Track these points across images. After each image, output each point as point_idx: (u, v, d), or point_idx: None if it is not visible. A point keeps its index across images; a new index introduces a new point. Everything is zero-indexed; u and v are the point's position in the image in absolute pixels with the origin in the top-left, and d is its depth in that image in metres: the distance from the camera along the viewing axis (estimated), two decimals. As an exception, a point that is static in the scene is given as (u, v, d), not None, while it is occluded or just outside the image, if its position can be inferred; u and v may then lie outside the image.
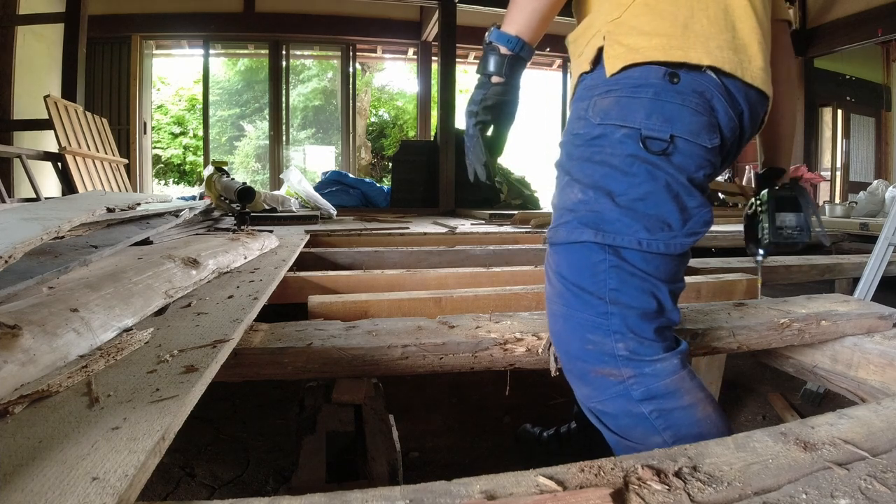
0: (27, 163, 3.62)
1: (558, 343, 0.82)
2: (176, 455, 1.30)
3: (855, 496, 0.47)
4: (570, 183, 0.78)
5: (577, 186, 0.77)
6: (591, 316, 0.75)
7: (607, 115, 0.75)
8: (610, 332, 0.74)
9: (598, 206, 0.74)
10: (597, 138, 0.76)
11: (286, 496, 0.45)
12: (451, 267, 1.86)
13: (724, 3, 0.75)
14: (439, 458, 1.39)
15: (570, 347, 0.78)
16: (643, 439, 0.73)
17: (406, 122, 11.60)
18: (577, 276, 0.76)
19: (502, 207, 4.82)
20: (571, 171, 0.79)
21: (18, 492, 0.40)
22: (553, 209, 0.82)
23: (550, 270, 0.81)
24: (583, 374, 0.77)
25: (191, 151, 11.72)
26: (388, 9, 6.11)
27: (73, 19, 4.10)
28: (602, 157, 0.75)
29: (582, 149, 0.78)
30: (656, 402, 0.73)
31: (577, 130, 0.79)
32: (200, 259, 1.21)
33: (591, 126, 0.77)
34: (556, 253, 0.80)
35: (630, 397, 0.74)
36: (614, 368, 0.74)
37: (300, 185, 3.90)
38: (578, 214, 0.76)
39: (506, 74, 0.81)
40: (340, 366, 0.90)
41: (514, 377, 1.00)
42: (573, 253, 0.76)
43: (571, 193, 0.77)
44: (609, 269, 0.74)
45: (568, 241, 0.76)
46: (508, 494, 0.46)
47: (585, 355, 0.76)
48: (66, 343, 0.66)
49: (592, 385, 0.76)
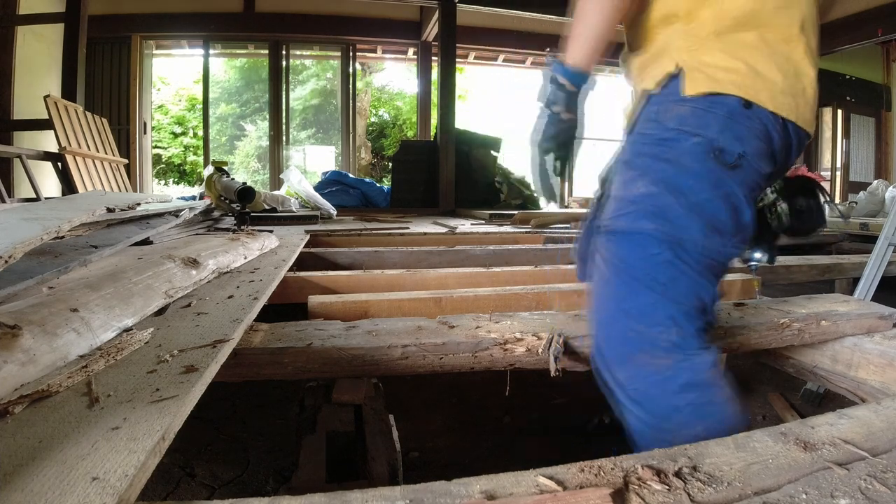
0: (27, 163, 3.62)
1: (601, 327, 0.83)
2: (176, 455, 1.30)
3: (855, 496, 0.47)
4: (635, 178, 0.81)
5: (643, 181, 0.80)
6: (640, 305, 0.78)
7: (683, 121, 0.79)
8: (655, 323, 0.77)
9: (662, 201, 0.78)
10: (668, 140, 0.80)
11: (286, 496, 0.45)
12: (451, 267, 1.86)
13: (789, 52, 0.81)
14: (439, 458, 1.39)
15: (614, 332, 0.80)
16: (679, 428, 0.74)
17: (406, 122, 11.60)
18: (631, 265, 0.79)
19: (502, 207, 4.82)
20: (639, 166, 0.82)
21: (18, 492, 0.40)
22: (614, 201, 0.85)
23: (602, 258, 0.84)
24: (625, 359, 0.79)
25: (191, 151, 11.72)
26: (388, 9, 6.10)
27: (73, 19, 4.10)
28: (671, 157, 0.79)
29: (651, 147, 0.82)
30: (695, 393, 0.75)
31: (647, 131, 0.83)
32: (200, 259, 1.21)
33: (664, 129, 0.81)
34: (611, 241, 0.82)
35: (670, 386, 0.76)
36: (656, 357, 0.76)
37: (300, 185, 3.90)
38: (641, 207, 0.79)
39: (574, 109, 0.89)
40: (340, 366, 0.90)
41: (514, 377, 1.00)
42: (631, 243, 0.79)
43: (635, 187, 0.81)
44: (663, 262, 0.77)
45: (628, 230, 0.80)
46: (508, 494, 0.46)
47: (629, 341, 0.78)
48: (66, 343, 0.66)
49: (634, 370, 0.78)
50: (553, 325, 1.01)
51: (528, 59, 7.27)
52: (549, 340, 0.94)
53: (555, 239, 2.46)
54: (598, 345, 0.84)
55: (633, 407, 0.78)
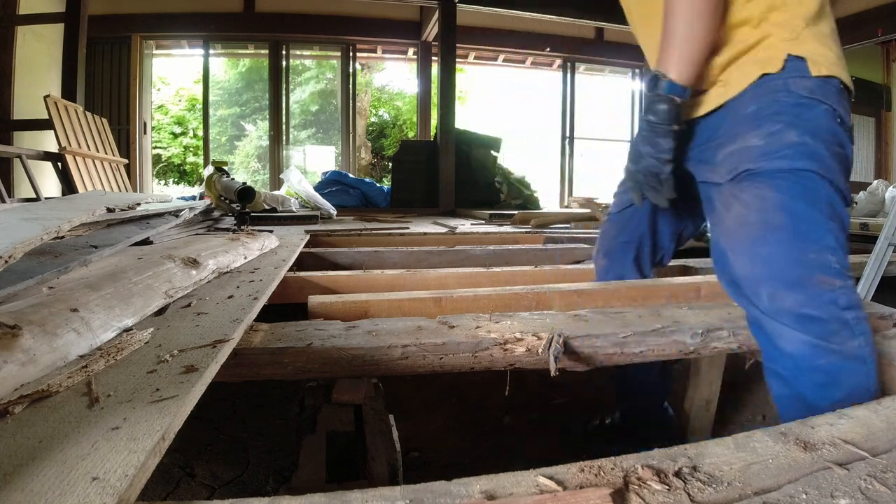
0: (27, 163, 3.62)
1: (770, 258, 0.89)
2: (176, 455, 1.30)
3: (855, 496, 0.47)
4: (783, 129, 0.89)
5: (794, 132, 0.89)
6: (813, 230, 0.86)
7: (812, 92, 0.89)
8: (826, 247, 0.86)
9: (814, 148, 0.88)
10: (803, 104, 0.90)
11: (286, 496, 0.45)
12: (451, 267, 1.86)
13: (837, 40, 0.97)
14: (439, 458, 1.39)
15: (789, 259, 0.87)
16: (843, 342, 0.84)
17: (406, 122, 11.60)
18: (800, 198, 0.87)
19: (502, 207, 4.83)
20: (784, 121, 0.90)
21: (18, 492, 0.40)
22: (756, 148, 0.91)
23: (758, 191, 0.90)
24: (799, 282, 0.86)
25: (191, 151, 11.71)
26: (388, 9, 6.11)
27: (73, 19, 4.10)
28: (810, 117, 0.89)
29: (790, 108, 0.90)
30: (855, 310, 0.86)
31: (778, 98, 0.91)
32: (200, 259, 1.21)
33: (797, 97, 0.90)
34: (773, 178, 0.89)
35: (837, 304, 0.84)
36: (828, 278, 0.85)
37: (300, 185, 3.90)
38: (798, 150, 0.88)
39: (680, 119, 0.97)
40: (340, 366, 0.90)
41: (514, 377, 1.00)
42: (797, 180, 0.88)
43: (787, 137, 0.89)
44: (827, 196, 0.88)
45: (791, 168, 0.88)
46: (508, 494, 0.46)
47: (807, 264, 0.86)
48: (66, 343, 0.66)
49: (807, 292, 0.85)
50: (553, 325, 1.01)
51: (528, 59, 7.27)
52: (549, 340, 0.94)
53: (555, 239, 2.46)
54: (755, 276, 0.90)
55: (799, 328, 0.85)
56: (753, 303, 0.91)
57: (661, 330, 1.03)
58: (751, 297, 0.91)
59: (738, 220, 0.93)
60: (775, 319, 0.87)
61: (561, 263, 1.95)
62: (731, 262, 0.95)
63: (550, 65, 7.36)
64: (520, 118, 12.12)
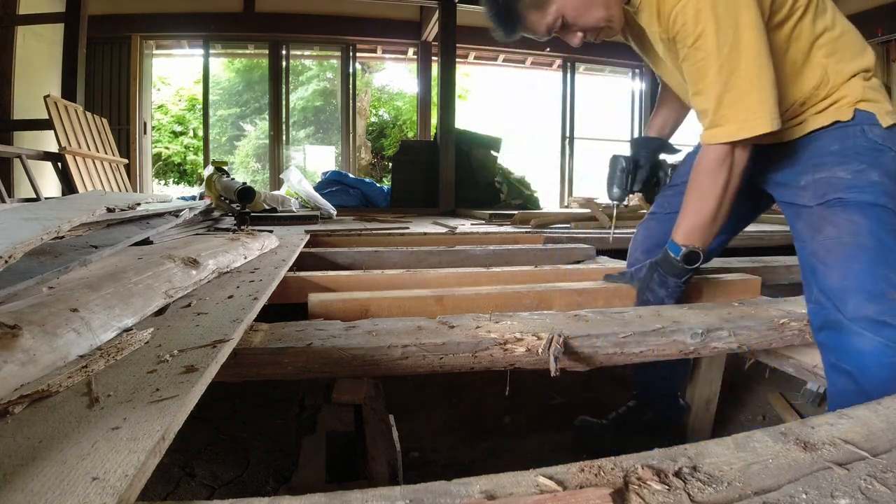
0: (27, 163, 3.62)
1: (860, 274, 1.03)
2: (176, 455, 1.30)
3: (855, 496, 0.47)
4: (867, 168, 1.07)
5: (875, 172, 1.06)
6: (892, 256, 1.02)
7: (885, 139, 1.08)
8: None
9: (890, 188, 1.06)
10: (879, 150, 1.08)
11: (286, 496, 0.45)
12: (452, 267, 1.86)
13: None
14: (439, 458, 1.39)
15: (875, 276, 1.01)
16: None
17: (406, 122, 11.59)
18: (883, 228, 1.04)
19: (502, 207, 4.82)
20: (865, 161, 1.07)
21: (18, 492, 0.40)
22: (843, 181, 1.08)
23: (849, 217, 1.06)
24: (880, 295, 1.00)
25: (191, 151, 11.71)
26: (388, 9, 6.10)
27: (73, 19, 4.10)
28: (885, 161, 1.07)
29: (869, 151, 1.08)
30: None
31: (859, 141, 1.09)
32: (200, 259, 1.21)
33: (874, 142, 1.08)
34: (863, 209, 1.06)
35: None
36: None
37: (300, 185, 3.90)
38: (878, 189, 1.05)
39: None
40: (340, 366, 0.90)
41: (514, 377, 1.00)
42: (880, 213, 1.04)
43: (870, 175, 1.06)
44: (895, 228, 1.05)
45: (873, 202, 1.05)
46: (508, 494, 0.46)
47: (885, 282, 1.00)
48: (66, 343, 0.66)
49: (885, 304, 0.99)
50: (553, 325, 1.01)
51: (528, 59, 7.27)
52: (549, 340, 0.94)
53: (555, 239, 2.46)
54: (846, 287, 1.03)
55: (875, 332, 0.98)
56: (839, 309, 1.03)
57: (662, 330, 1.03)
58: (837, 303, 1.04)
59: (833, 240, 1.07)
60: (856, 324, 1.00)
61: (561, 263, 1.95)
62: (822, 273, 1.08)
63: (550, 65, 7.36)
64: (520, 118, 12.12)
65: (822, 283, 1.07)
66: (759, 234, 2.63)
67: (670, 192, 1.40)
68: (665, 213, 1.37)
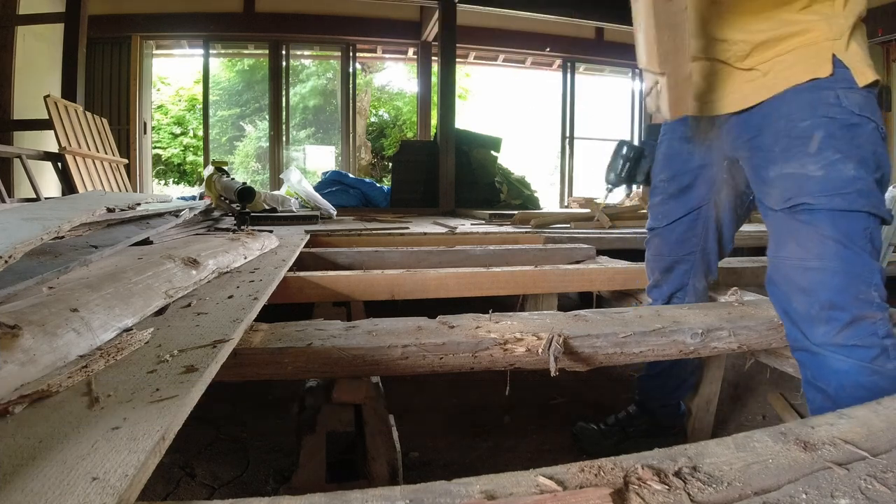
0: (27, 163, 3.62)
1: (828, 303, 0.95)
2: (176, 455, 1.30)
3: (855, 496, 0.47)
4: (842, 160, 0.94)
5: (851, 164, 0.94)
6: (865, 272, 0.93)
7: (862, 108, 0.94)
8: (872, 285, 0.94)
9: (867, 184, 0.94)
10: (854, 126, 0.94)
11: (286, 496, 0.45)
12: (452, 267, 1.86)
13: None
14: (439, 458, 1.39)
15: (845, 300, 0.93)
16: (883, 364, 0.93)
17: (406, 122, 11.59)
18: (853, 238, 0.93)
19: (502, 207, 4.81)
20: (839, 148, 0.94)
21: (18, 492, 0.40)
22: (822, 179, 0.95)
23: (816, 232, 0.96)
24: (851, 322, 0.93)
25: (191, 151, 11.70)
26: (388, 9, 6.10)
27: (73, 19, 4.10)
28: (862, 142, 0.94)
29: (844, 131, 0.94)
30: (892, 338, 0.94)
31: (833, 115, 0.95)
32: (200, 259, 1.20)
33: (848, 114, 0.94)
34: (830, 218, 0.95)
35: (878, 334, 0.94)
36: (872, 312, 0.93)
37: (300, 185, 3.90)
38: (855, 188, 0.93)
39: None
40: (340, 366, 0.90)
41: (513, 377, 1.00)
42: (851, 219, 0.94)
43: (844, 170, 0.94)
44: (874, 233, 0.95)
45: (849, 208, 0.93)
46: (508, 494, 0.46)
47: (856, 306, 0.93)
48: (66, 343, 0.66)
49: (856, 328, 0.93)
50: (553, 325, 1.01)
51: (528, 59, 7.26)
52: (549, 340, 0.94)
53: (555, 239, 2.46)
54: (811, 316, 0.97)
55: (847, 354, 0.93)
56: (807, 336, 0.98)
57: (661, 330, 1.03)
58: (805, 331, 0.98)
59: (798, 261, 0.99)
60: (825, 349, 0.96)
61: (561, 263, 1.95)
62: (786, 296, 1.01)
63: (550, 65, 7.35)
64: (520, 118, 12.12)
65: (787, 306, 1.02)
66: (760, 234, 2.63)
67: (657, 199, 1.32)
68: (664, 227, 1.31)
